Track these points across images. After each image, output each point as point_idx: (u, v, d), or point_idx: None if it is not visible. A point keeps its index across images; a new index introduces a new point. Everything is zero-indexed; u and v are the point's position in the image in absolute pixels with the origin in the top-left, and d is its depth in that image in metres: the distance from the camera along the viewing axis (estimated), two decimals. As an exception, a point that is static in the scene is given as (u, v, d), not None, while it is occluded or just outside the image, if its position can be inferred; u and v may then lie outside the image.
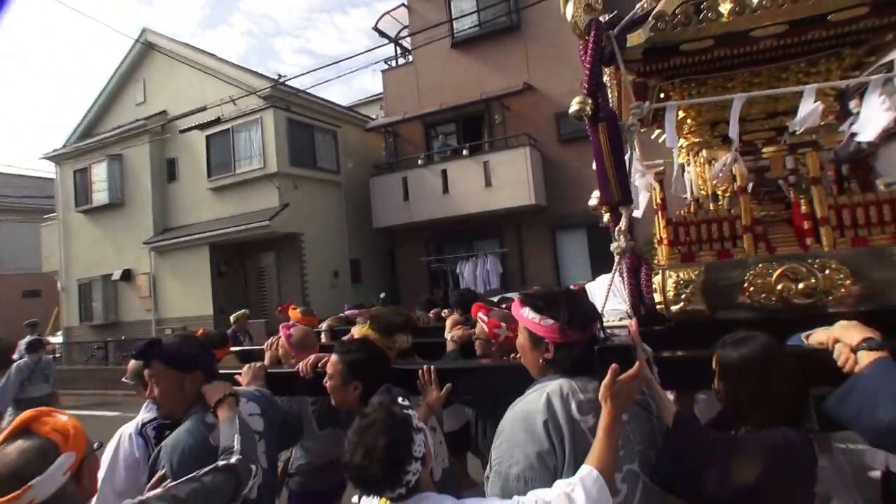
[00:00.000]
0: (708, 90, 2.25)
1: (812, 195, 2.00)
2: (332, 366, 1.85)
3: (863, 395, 1.26)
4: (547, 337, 1.34)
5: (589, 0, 1.96)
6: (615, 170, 1.95)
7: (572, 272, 10.74)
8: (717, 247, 2.09)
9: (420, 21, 12.26)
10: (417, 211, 11.00)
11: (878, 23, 1.91)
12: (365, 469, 1.15)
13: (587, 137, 8.26)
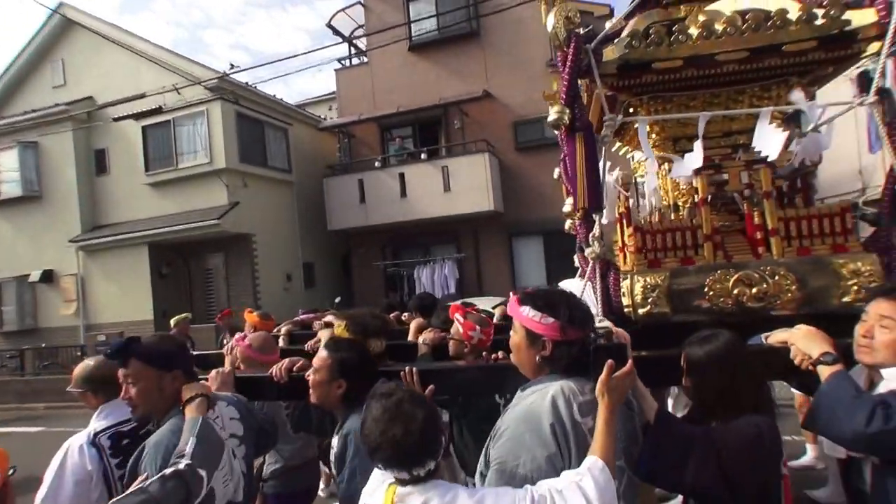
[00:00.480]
0: (672, 108, 2.43)
1: (764, 208, 2.21)
2: (320, 360, 1.84)
3: (827, 411, 1.43)
4: (546, 335, 1.40)
5: (568, 13, 2.07)
6: (589, 178, 2.06)
7: (528, 278, 11.02)
8: (680, 254, 2.26)
9: (377, 21, 12.22)
10: (374, 214, 10.93)
11: (822, 56, 2.15)
12: (404, 441, 1.18)
13: (544, 146, 8.65)
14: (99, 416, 1.96)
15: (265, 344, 2.66)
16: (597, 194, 2.07)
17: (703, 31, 2.10)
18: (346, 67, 13.27)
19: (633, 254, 2.35)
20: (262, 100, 11.83)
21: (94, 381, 2.03)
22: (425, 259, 11.28)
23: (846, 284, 2.11)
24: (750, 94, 2.37)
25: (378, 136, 12.48)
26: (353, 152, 12.42)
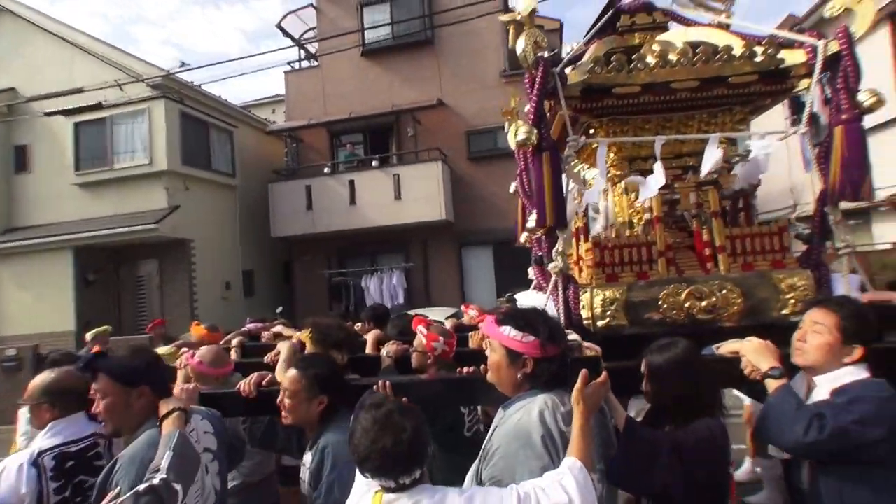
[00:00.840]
0: (629, 130, 2.58)
1: (712, 226, 2.39)
2: (293, 382, 1.82)
3: (773, 421, 1.60)
4: (527, 353, 1.45)
5: (537, 38, 2.17)
6: (554, 196, 2.16)
7: (478, 289, 11.11)
8: (636, 269, 2.39)
9: (329, 25, 12.08)
10: (321, 221, 10.67)
11: (761, 89, 2.38)
12: (394, 451, 1.23)
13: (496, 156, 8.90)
14: (46, 434, 1.85)
15: (217, 358, 2.58)
16: (561, 212, 2.16)
17: (660, 61, 2.26)
18: (295, 70, 12.97)
19: (591, 268, 2.47)
20: (208, 100, 11.32)
21: (52, 393, 1.94)
22: (373, 268, 11.13)
23: (784, 298, 2.32)
24: (699, 119, 2.56)
25: (328, 142, 12.26)
26: (302, 157, 12.13)
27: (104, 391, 1.68)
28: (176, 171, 9.95)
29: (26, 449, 1.84)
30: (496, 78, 11.50)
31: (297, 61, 13.68)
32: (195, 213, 10.21)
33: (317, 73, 12.33)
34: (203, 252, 10.31)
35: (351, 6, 12.03)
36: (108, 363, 1.73)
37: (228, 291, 11.02)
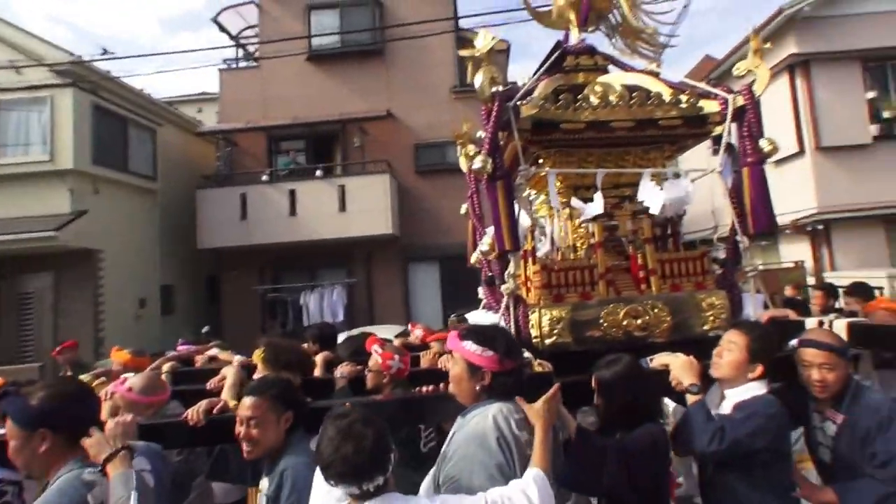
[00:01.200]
0: (573, 161, 2.88)
1: (645, 251, 2.71)
2: (254, 408, 1.82)
3: (687, 430, 1.99)
4: (486, 366, 1.65)
5: (493, 74, 2.39)
6: (508, 220, 2.37)
7: (423, 305, 11.18)
8: (580, 290, 2.66)
9: (272, 24, 11.95)
10: (257, 232, 10.38)
11: (685, 131, 2.77)
12: (355, 458, 1.33)
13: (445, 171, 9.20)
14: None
15: (150, 384, 2.47)
16: (514, 236, 2.37)
17: (602, 102, 2.57)
18: (232, 69, 12.64)
19: (538, 289, 2.70)
20: (128, 94, 10.68)
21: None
22: (312, 284, 10.95)
23: (705, 316, 2.67)
24: (634, 155, 2.92)
25: (266, 148, 12.01)
26: (236, 163, 11.80)
27: (8, 433, 1.62)
28: (84, 171, 9.16)
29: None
30: (447, 93, 11.81)
31: (233, 59, 13.29)
32: (106, 220, 9.43)
33: (256, 74, 12.12)
34: (115, 265, 9.56)
35: (298, 8, 11.98)
36: (11, 404, 1.65)
37: (143, 309, 10.35)
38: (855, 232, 8.90)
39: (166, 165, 11.29)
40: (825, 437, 2.09)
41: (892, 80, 9.46)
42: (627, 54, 3.20)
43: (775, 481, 1.93)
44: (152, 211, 10.93)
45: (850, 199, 8.96)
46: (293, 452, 1.83)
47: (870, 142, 9.12)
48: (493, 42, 2.41)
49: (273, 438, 1.84)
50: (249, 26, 13.26)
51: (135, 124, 10.46)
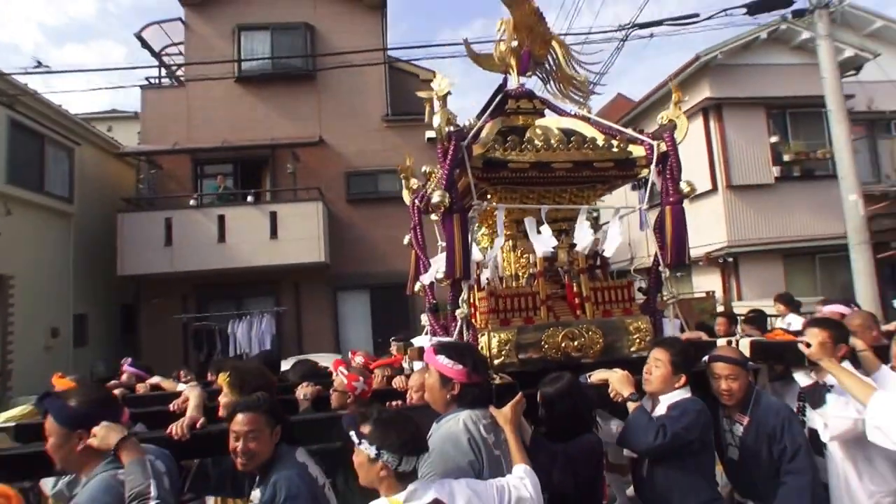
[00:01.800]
0: (517, 197, 3.24)
1: (580, 280, 3.10)
2: (251, 423, 1.98)
3: (632, 431, 2.35)
4: (456, 378, 1.93)
5: (449, 116, 2.72)
6: (463, 252, 2.67)
7: (354, 334, 11.25)
8: (524, 314, 2.99)
9: (199, 43, 11.88)
10: (183, 259, 10.04)
11: (616, 173, 3.23)
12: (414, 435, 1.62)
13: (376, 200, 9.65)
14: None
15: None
16: (468, 266, 2.67)
17: (544, 144, 2.96)
18: (155, 87, 12.37)
19: (485, 314, 3.00)
20: (47, 109, 10.19)
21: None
22: (239, 312, 10.70)
23: (632, 338, 3.08)
24: (571, 193, 3.34)
25: (191, 171, 11.73)
26: (159, 186, 11.42)
27: (49, 430, 1.82)
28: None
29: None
30: (378, 121, 12.17)
31: (156, 78, 12.99)
32: (18, 244, 8.92)
33: (181, 94, 11.92)
34: (25, 291, 8.98)
35: (226, 28, 12.00)
36: (53, 403, 1.86)
37: (55, 339, 9.67)
38: (759, 264, 10.09)
39: (83, 187, 10.75)
40: (733, 437, 2.52)
41: (791, 127, 10.95)
42: (559, 98, 3.67)
43: (703, 467, 2.33)
44: (67, 235, 10.32)
45: (756, 234, 10.19)
46: (283, 463, 2.01)
47: (772, 182, 10.46)
48: (449, 87, 2.75)
49: (266, 451, 2.01)
50: (173, 43, 13.06)
51: (52, 142, 9.94)
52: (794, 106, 10.83)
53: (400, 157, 12.25)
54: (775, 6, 7.85)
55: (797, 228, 10.48)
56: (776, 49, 10.79)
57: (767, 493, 2.39)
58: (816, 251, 10.56)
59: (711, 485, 2.35)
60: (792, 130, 10.91)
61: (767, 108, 10.67)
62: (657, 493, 2.32)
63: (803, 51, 10.75)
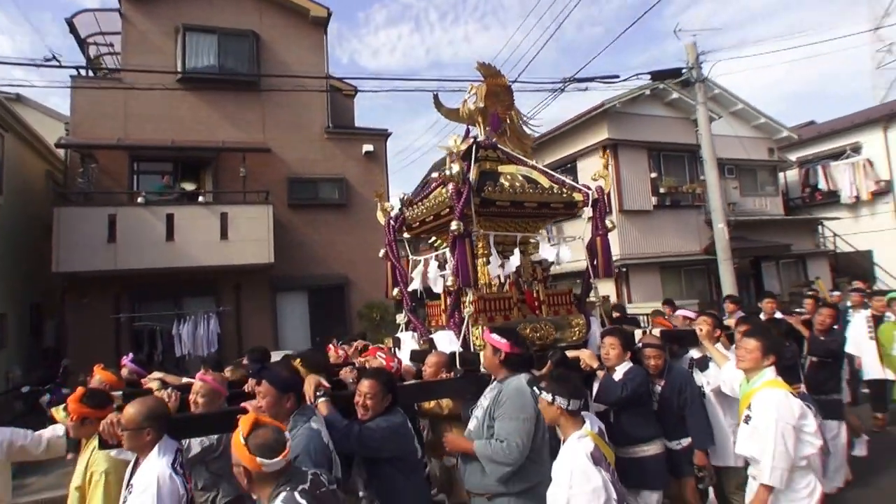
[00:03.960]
0: (494, 225, 4.14)
1: (538, 288, 4.11)
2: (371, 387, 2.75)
3: (603, 390, 3.38)
4: (503, 349, 2.78)
5: (462, 166, 3.56)
6: (471, 265, 3.55)
7: (292, 333, 11.41)
8: (503, 313, 3.91)
9: (138, 38, 11.36)
10: (128, 257, 9.59)
11: (563, 211, 4.32)
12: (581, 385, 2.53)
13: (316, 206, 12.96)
14: (161, 449, 2.29)
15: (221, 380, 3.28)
16: (475, 276, 3.56)
17: (519, 187, 3.93)
18: (88, 77, 11.51)
19: (475, 313, 3.83)
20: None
21: (158, 417, 2.34)
22: (179, 312, 10.37)
23: (574, 330, 4.12)
24: (533, 224, 4.34)
25: (128, 167, 11.08)
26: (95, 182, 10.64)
27: (265, 392, 2.44)
28: None
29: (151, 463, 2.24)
30: (319, 132, 12.47)
31: (83, 68, 11.96)
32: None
33: (117, 89, 11.14)
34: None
35: (167, 26, 11.60)
36: (269, 373, 2.52)
37: None
38: (642, 274, 12.06)
39: (9, 178, 9.95)
40: (655, 394, 3.62)
41: (664, 166, 13.19)
42: (508, 147, 4.52)
43: (647, 412, 3.42)
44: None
45: (640, 250, 12.17)
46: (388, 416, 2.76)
47: (651, 209, 12.58)
48: (467, 144, 3.64)
49: (378, 409, 2.73)
50: (101, 32, 12.26)
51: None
52: (666, 150, 13.21)
53: (339, 167, 12.89)
54: (670, 76, 10.01)
55: (668, 247, 12.68)
56: (654, 104, 13.05)
57: (676, 428, 3.54)
58: (682, 265, 12.86)
59: (653, 424, 3.43)
60: (664, 169, 13.20)
61: (648, 150, 12.83)
62: (622, 431, 3.30)
63: (672, 107, 13.26)
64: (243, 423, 1.89)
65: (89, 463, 2.77)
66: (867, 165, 15.61)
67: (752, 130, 15.10)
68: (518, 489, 2.65)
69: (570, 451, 2.35)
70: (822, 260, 15.05)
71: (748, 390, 3.05)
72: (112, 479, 2.70)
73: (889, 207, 15.36)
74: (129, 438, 2.28)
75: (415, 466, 2.91)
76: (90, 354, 8.86)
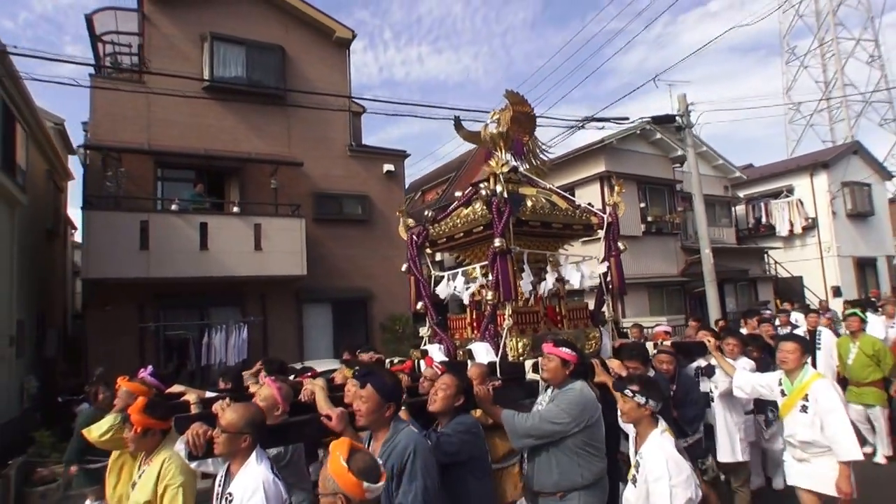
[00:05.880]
0: (526, 244, 4.23)
1: (559, 304, 4.21)
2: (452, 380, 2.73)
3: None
4: (572, 360, 2.86)
5: (507, 188, 3.65)
6: (513, 280, 3.64)
7: (316, 344, 11.08)
8: (532, 326, 3.99)
9: (161, 41, 10.72)
10: (161, 265, 9.02)
11: (582, 232, 4.47)
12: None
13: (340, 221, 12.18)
14: (259, 456, 2.15)
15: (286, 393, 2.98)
16: (516, 290, 3.64)
17: (546, 208, 4.05)
18: (110, 77, 10.70)
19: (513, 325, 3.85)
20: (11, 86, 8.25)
21: (256, 424, 2.18)
22: (205, 322, 9.87)
23: (591, 342, 4.21)
24: (555, 243, 4.47)
25: (153, 173, 10.50)
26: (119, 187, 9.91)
27: (368, 398, 2.24)
28: None
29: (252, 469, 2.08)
30: (342, 150, 12.15)
31: (105, 67, 11.28)
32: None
33: (140, 89, 10.35)
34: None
35: (194, 33, 10.98)
36: (377, 380, 2.29)
37: (10, 348, 8.04)
38: (633, 293, 12.29)
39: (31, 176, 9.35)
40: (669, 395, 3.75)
41: (650, 197, 13.71)
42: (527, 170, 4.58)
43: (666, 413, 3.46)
44: (9, 226, 8.32)
45: (631, 271, 12.37)
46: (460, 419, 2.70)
47: (640, 235, 12.94)
48: (508, 166, 3.78)
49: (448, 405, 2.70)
50: (117, 31, 11.37)
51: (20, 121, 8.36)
52: (651, 183, 13.90)
53: (361, 185, 12.80)
54: (667, 121, 10.84)
55: (653, 269, 13.02)
56: (641, 142, 13.59)
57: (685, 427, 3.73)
58: (663, 285, 13.29)
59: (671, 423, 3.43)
60: (650, 200, 13.67)
61: (637, 182, 13.22)
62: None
63: (655, 146, 14.11)
64: (340, 447, 1.65)
65: (160, 476, 2.59)
66: (798, 204, 17.39)
67: (712, 170, 16.59)
68: (588, 482, 2.71)
69: (660, 446, 2.41)
70: (767, 284, 16.14)
71: (799, 385, 3.30)
72: (188, 492, 2.59)
73: (815, 240, 17.17)
74: (226, 442, 2.11)
75: (486, 469, 2.77)
76: (114, 365, 8.22)
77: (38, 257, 10.17)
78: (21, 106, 8.92)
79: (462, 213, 4.31)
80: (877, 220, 18.16)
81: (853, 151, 18.29)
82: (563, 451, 2.72)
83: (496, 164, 3.81)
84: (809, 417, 3.18)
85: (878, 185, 18.60)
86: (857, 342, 5.75)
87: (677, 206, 14.50)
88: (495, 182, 3.71)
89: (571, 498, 2.69)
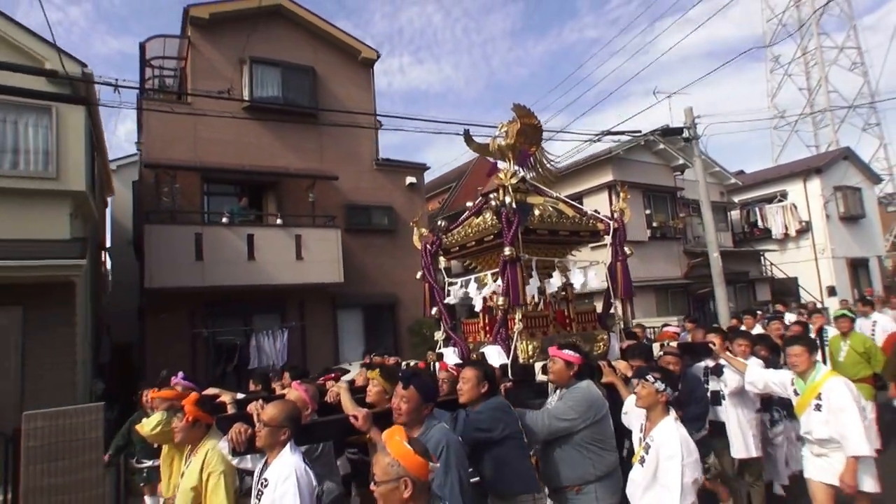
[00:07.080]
0: (534, 251, 4.14)
1: (567, 307, 4.10)
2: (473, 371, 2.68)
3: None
4: (576, 362, 2.79)
5: (515, 199, 3.58)
6: (522, 286, 3.54)
7: (349, 348, 11.07)
8: (542, 329, 3.88)
9: (204, 65, 10.78)
10: (214, 274, 9.17)
11: (588, 238, 4.30)
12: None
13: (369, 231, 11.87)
14: (293, 447, 2.19)
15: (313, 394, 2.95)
16: (524, 296, 3.53)
17: (556, 217, 3.95)
18: (162, 100, 10.95)
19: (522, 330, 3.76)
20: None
21: (294, 420, 2.23)
22: (249, 328, 9.92)
23: (598, 344, 4.07)
24: (562, 249, 4.31)
25: (199, 188, 10.55)
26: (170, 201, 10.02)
27: (410, 398, 2.22)
28: (83, 192, 7.20)
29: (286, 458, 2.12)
30: (369, 163, 12.12)
31: (153, 90, 11.70)
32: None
33: (186, 111, 10.40)
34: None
35: (233, 56, 10.99)
36: (420, 380, 2.28)
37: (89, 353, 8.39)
38: (641, 296, 11.95)
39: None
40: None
41: (654, 204, 13.37)
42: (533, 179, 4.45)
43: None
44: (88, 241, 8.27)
45: (639, 274, 12.07)
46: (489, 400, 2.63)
47: (646, 240, 12.59)
48: (518, 177, 3.72)
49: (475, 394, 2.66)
50: (164, 56, 11.77)
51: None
52: (654, 191, 13.56)
53: (387, 196, 12.76)
54: (675, 133, 10.63)
55: (659, 272, 12.64)
56: (645, 152, 13.26)
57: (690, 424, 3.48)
58: (668, 287, 12.89)
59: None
60: (654, 207, 13.33)
61: (642, 191, 12.91)
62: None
63: (658, 155, 13.78)
64: (398, 434, 1.57)
65: (205, 464, 2.66)
66: (792, 208, 16.95)
67: (709, 177, 15.67)
68: (601, 473, 2.67)
69: (673, 429, 2.43)
70: (765, 285, 15.71)
71: (812, 384, 3.20)
72: (229, 479, 2.64)
73: (809, 243, 16.72)
74: (267, 435, 2.15)
75: (524, 448, 2.63)
76: (170, 368, 7.86)
77: (93, 267, 10.34)
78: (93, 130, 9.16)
79: (473, 223, 4.21)
80: (867, 222, 17.84)
81: (844, 157, 17.88)
82: (573, 447, 2.68)
83: (505, 175, 3.74)
84: (824, 416, 3.09)
85: (868, 188, 18.28)
86: (848, 340, 5.65)
87: (679, 212, 14.19)
88: (504, 193, 3.63)
89: (588, 491, 2.64)
